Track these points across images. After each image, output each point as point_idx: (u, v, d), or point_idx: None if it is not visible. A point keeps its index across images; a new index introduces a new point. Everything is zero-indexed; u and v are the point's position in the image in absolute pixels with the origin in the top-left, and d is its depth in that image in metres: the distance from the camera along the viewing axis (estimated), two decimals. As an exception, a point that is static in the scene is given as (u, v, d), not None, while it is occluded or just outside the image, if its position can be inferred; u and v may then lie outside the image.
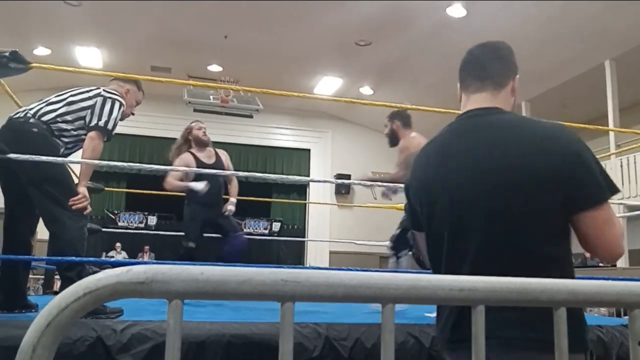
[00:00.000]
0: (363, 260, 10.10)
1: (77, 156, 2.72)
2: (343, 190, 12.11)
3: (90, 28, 8.81)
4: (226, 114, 9.17)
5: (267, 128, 11.89)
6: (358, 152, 12.14)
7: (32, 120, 2.55)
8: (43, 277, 5.69)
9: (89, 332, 1.92)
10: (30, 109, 2.60)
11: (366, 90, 10.92)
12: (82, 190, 2.56)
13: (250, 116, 9.19)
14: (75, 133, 2.63)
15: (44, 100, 2.65)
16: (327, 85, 10.78)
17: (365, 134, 12.38)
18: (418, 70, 9.74)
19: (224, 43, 9.13)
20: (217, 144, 12.41)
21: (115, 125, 2.66)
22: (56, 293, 4.95)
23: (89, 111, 2.62)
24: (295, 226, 12.53)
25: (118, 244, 10.47)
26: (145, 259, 10.12)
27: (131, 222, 11.30)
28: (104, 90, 2.70)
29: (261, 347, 2.01)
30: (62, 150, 2.62)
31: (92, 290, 0.56)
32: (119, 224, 11.19)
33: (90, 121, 2.61)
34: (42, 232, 2.79)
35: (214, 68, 10.27)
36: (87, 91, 2.69)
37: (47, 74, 7.50)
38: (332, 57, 9.71)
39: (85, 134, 2.62)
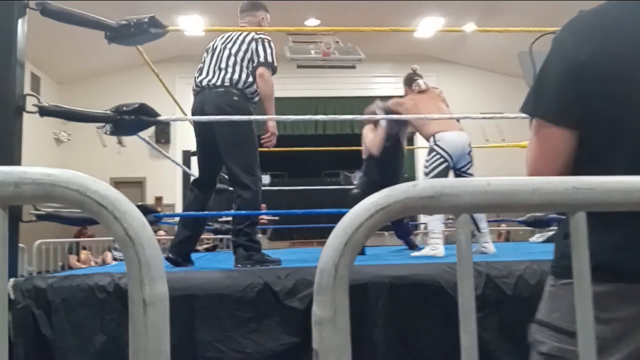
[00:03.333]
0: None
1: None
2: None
3: (191, -4, 9.03)
4: (329, 67, 9.11)
5: (370, 78, 11.71)
6: (465, 93, 11.63)
7: (232, 89, 2.88)
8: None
9: (257, 280, 2.00)
10: (221, 75, 2.90)
11: (470, 27, 10.37)
12: (272, 125, 2.97)
13: (353, 67, 9.04)
14: (251, 80, 2.92)
15: (214, 68, 2.95)
16: (429, 26, 10.35)
17: (472, 74, 11.84)
18: (527, 3, 9.06)
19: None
20: (321, 99, 12.45)
21: (275, 58, 2.99)
22: (195, 251, 5.27)
23: (252, 54, 2.92)
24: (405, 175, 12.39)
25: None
26: (263, 216, 10.51)
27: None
28: (254, 34, 2.98)
29: (423, 287, 2.00)
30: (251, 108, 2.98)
31: (383, 207, 0.53)
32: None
33: (256, 61, 2.91)
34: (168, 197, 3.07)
35: (312, 22, 10.19)
36: (242, 42, 2.96)
37: (155, 44, 7.83)
38: (432, -5, 9.28)
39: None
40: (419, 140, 7.50)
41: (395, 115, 3.73)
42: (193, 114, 3.00)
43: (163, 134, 11.02)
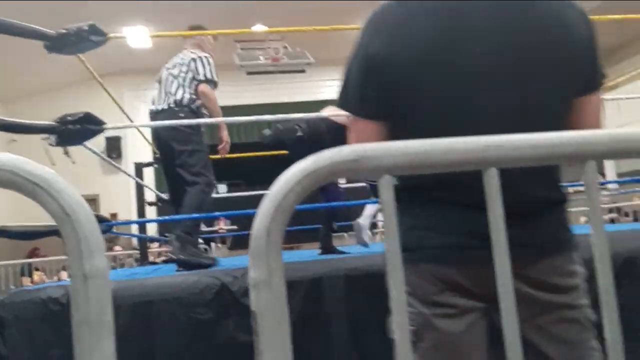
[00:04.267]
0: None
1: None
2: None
3: (134, 6, 8.92)
4: (279, 72, 9.16)
5: (321, 82, 11.83)
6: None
7: (176, 108, 3.08)
8: (138, 251, 6.01)
9: (214, 281, 2.01)
10: (169, 99, 3.12)
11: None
12: (226, 135, 3.34)
13: (303, 71, 9.14)
14: (195, 96, 3.13)
15: (162, 96, 3.19)
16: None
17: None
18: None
19: (266, 2, 9.04)
20: (274, 104, 12.45)
21: (215, 73, 3.21)
22: (152, 263, 5.18)
23: (193, 73, 3.14)
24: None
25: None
26: (222, 225, 10.44)
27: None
28: (192, 54, 3.23)
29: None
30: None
31: (310, 172, 0.57)
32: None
33: (197, 79, 3.12)
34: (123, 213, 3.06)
35: (259, 28, 10.21)
36: (181, 64, 3.20)
37: (101, 58, 7.68)
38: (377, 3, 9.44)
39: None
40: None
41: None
42: (154, 140, 3.33)
43: (114, 149, 10.83)
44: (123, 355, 1.94)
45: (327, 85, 12.10)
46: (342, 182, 3.40)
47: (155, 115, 3.18)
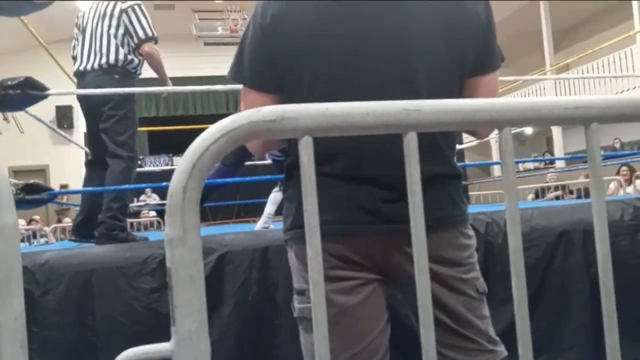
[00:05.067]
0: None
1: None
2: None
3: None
4: (236, 44, 9.01)
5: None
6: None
7: (109, 69, 2.79)
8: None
9: (158, 251, 1.99)
10: (98, 58, 2.80)
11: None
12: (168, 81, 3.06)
13: (262, 43, 9.02)
14: (131, 57, 2.85)
15: (89, 51, 2.83)
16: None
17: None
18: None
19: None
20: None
21: (152, 26, 2.89)
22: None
23: (128, 29, 2.82)
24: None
25: (147, 189, 10.66)
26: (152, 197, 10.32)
27: (156, 165, 11.45)
28: (121, 3, 2.84)
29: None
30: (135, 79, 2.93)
31: (229, 131, 0.57)
32: (145, 168, 11.35)
33: (135, 38, 2.82)
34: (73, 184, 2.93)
35: (218, -1, 10.01)
36: (111, 15, 2.83)
37: (47, 23, 7.38)
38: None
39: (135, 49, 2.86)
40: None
41: None
42: (79, 99, 2.90)
43: (66, 119, 10.52)
44: (65, 323, 1.91)
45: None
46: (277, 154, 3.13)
47: (82, 75, 2.84)
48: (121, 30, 2.82)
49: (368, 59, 1.02)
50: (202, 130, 0.61)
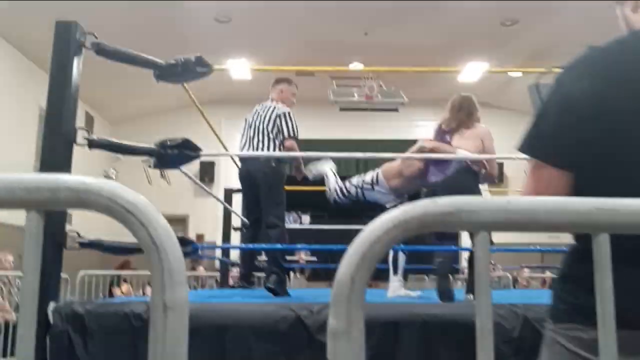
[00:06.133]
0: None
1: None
2: (496, 179, 11.57)
3: (238, 41, 9.36)
4: (371, 109, 9.22)
5: (412, 121, 11.76)
6: (510, 138, 11.49)
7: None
8: (219, 273, 6.18)
9: (289, 313, 2.00)
10: (259, 148, 3.76)
11: (515, 72, 10.33)
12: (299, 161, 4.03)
13: (396, 110, 9.16)
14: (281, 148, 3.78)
15: (253, 142, 3.81)
16: (473, 71, 10.37)
17: (515, 118, 11.74)
18: (572, 48, 8.99)
19: (364, 40, 9.19)
20: (363, 141, 12.49)
21: (296, 127, 3.85)
22: (232, 287, 5.27)
23: (279, 129, 3.76)
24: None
25: (276, 244, 10.97)
26: (302, 256, 10.51)
27: (287, 222, 11.80)
28: (277, 110, 3.81)
29: (457, 327, 1.95)
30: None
31: (400, 222, 0.54)
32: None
33: (284, 135, 3.75)
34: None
35: (356, 66, 10.37)
36: (269, 119, 3.79)
37: (204, 87, 8.10)
38: (475, 41, 9.34)
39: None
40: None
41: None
42: (240, 176, 3.99)
43: (207, 173, 11.28)
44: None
45: (419, 125, 12.01)
46: None
47: (245, 161, 3.89)
48: (275, 130, 3.75)
49: None
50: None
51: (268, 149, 3.73)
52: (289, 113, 3.83)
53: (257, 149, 3.75)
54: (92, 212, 0.56)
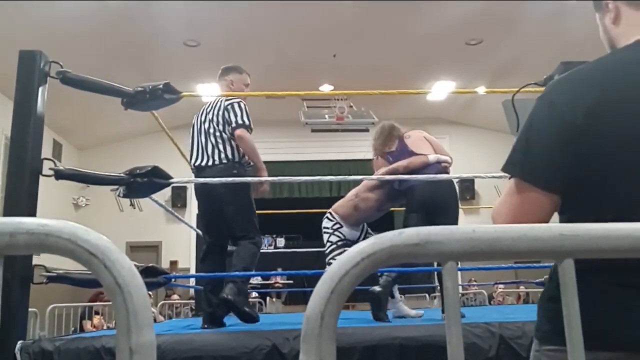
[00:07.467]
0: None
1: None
2: (467, 195, 11.72)
3: (208, 64, 9.36)
4: (342, 130, 9.28)
5: (383, 140, 11.83)
6: (478, 154, 11.74)
7: (229, 164, 3.14)
8: (193, 300, 6.07)
9: (265, 342, 1.97)
10: (216, 154, 3.16)
11: (481, 90, 10.54)
12: (265, 176, 3.24)
13: (367, 130, 9.21)
14: (241, 151, 3.19)
15: (206, 149, 3.20)
16: (440, 90, 10.56)
17: (484, 136, 11.95)
18: (535, 64, 9.25)
19: (333, 62, 9.28)
20: (336, 162, 12.48)
21: (249, 118, 3.21)
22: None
23: (229, 118, 3.17)
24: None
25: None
26: (278, 279, 10.43)
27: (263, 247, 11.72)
28: (224, 101, 3.23)
29: (435, 349, 1.95)
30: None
31: (369, 255, 0.54)
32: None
33: (231, 125, 3.15)
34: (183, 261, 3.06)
35: (326, 88, 10.46)
36: (216, 114, 3.24)
37: (174, 111, 8.06)
38: (442, 60, 9.52)
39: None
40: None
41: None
42: (196, 192, 3.32)
43: (179, 198, 11.15)
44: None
45: (390, 144, 12.10)
46: None
47: (204, 169, 3.18)
48: (227, 126, 3.17)
49: None
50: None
51: (226, 153, 3.16)
52: (238, 102, 3.22)
53: (212, 158, 3.15)
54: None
